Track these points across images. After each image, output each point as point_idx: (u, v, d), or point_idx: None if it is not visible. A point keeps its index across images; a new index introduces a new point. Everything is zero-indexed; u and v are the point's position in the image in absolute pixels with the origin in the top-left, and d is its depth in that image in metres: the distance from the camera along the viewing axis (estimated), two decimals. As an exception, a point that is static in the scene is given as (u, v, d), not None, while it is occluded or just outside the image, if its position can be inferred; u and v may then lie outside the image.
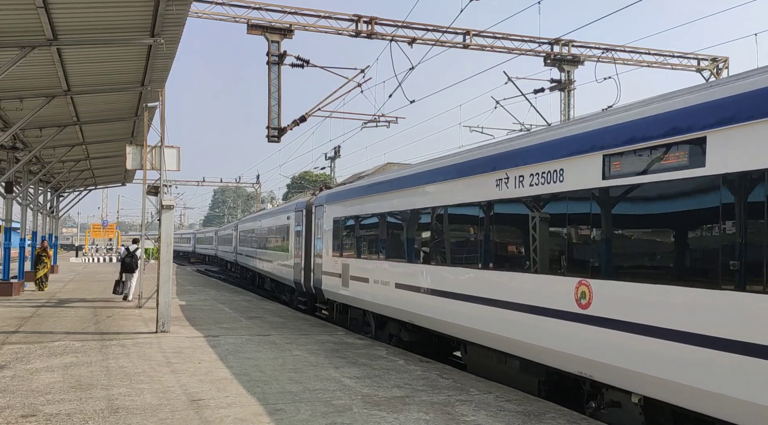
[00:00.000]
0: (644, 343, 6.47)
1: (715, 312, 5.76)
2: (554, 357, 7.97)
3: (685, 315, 6.05)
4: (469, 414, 7.41)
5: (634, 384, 6.81)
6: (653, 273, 6.54)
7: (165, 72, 14.30)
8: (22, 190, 22.53)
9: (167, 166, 15.37)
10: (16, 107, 15.48)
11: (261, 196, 72.75)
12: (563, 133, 8.16)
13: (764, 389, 5.27)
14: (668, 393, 6.31)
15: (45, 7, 9.94)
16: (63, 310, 17.22)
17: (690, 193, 6.15)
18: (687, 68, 26.41)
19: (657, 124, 6.58)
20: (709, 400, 5.83)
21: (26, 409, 7.26)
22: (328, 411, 7.36)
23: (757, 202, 5.47)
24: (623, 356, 6.77)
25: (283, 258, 23.76)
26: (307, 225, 20.20)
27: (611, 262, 7.04)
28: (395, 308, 12.82)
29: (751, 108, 5.63)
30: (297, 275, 20.96)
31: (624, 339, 6.76)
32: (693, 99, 6.33)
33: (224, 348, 11.71)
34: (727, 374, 5.61)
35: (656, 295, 6.41)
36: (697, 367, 5.90)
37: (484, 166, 9.80)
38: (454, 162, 10.91)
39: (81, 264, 50.04)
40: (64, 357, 10.55)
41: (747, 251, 5.54)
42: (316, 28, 21.47)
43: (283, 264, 23.54)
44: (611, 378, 7.10)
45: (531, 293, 8.39)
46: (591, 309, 7.25)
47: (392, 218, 13.19)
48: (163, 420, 6.91)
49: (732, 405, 5.60)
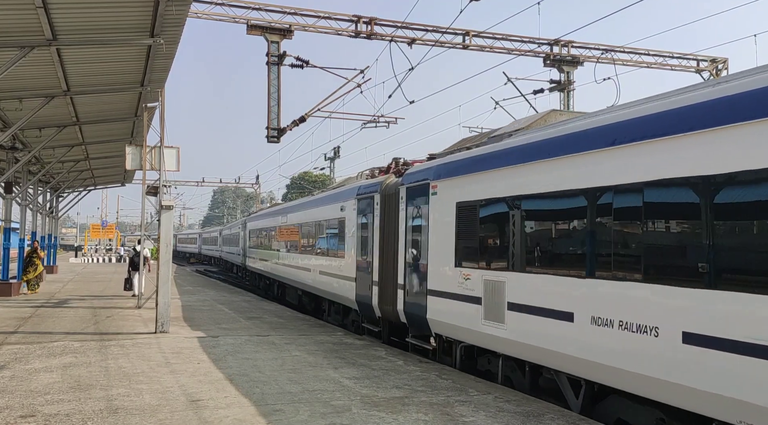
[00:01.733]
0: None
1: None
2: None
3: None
4: (468, 414, 7.41)
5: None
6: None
7: (164, 72, 14.30)
8: (22, 190, 22.53)
9: (167, 167, 15.36)
10: (16, 107, 15.48)
11: (260, 197, 72.72)
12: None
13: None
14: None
15: (44, 7, 9.94)
16: (62, 310, 17.22)
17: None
18: (686, 69, 26.43)
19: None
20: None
21: (25, 409, 7.26)
22: (327, 411, 7.36)
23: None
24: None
25: (332, 265, 17.74)
26: (383, 217, 14.00)
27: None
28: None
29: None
30: (363, 291, 14.85)
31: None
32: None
33: (223, 348, 11.70)
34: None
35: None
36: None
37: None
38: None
39: (80, 264, 50.02)
40: (63, 357, 10.54)
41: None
42: (315, 28, 21.48)
43: (335, 273, 17.41)
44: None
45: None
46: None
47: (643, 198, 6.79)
48: (162, 420, 6.90)
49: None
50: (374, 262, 14.19)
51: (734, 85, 6.06)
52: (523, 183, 8.82)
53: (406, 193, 12.56)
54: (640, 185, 6.76)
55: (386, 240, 13.64)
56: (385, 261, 13.61)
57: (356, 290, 15.30)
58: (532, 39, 24.16)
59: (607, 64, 25.05)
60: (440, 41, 22.25)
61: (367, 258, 14.69)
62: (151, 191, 16.83)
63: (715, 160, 5.98)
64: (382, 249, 13.79)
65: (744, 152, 5.71)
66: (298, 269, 21.88)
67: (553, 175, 8.19)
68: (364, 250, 15.02)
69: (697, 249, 6.10)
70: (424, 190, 11.77)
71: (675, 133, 6.46)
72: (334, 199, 18.13)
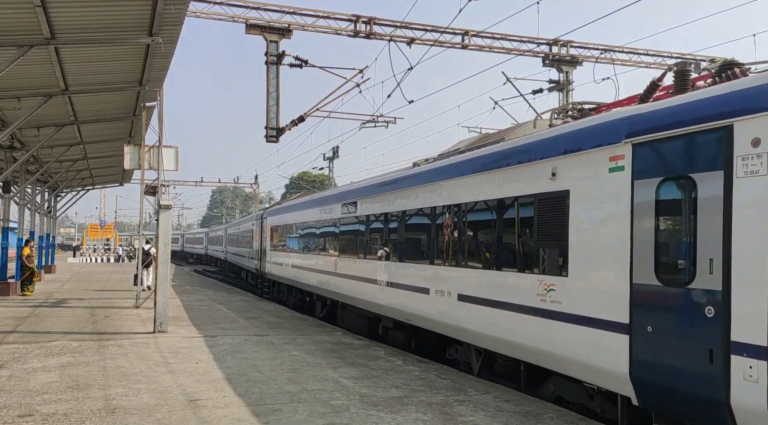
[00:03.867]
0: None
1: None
2: None
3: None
4: (467, 414, 7.40)
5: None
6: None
7: (163, 71, 14.27)
8: (20, 189, 22.49)
9: (165, 166, 15.34)
10: (14, 106, 15.44)
11: (259, 197, 72.69)
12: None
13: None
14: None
15: (43, 6, 9.91)
16: (60, 310, 17.19)
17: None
18: (685, 69, 26.39)
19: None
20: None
21: (23, 409, 7.23)
22: (325, 411, 7.34)
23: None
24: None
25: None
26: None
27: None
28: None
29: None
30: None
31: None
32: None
33: (222, 348, 11.68)
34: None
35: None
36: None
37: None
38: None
39: (79, 264, 49.97)
40: (62, 357, 10.52)
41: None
42: (314, 28, 21.44)
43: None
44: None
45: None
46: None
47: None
48: (160, 420, 6.88)
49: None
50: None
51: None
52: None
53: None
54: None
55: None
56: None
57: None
58: (531, 39, 24.13)
59: (606, 63, 25.03)
60: (439, 41, 22.24)
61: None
62: (150, 191, 16.79)
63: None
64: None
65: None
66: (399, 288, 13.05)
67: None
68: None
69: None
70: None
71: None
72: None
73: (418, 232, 12.17)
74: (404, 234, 12.73)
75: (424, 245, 11.86)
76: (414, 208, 12.30)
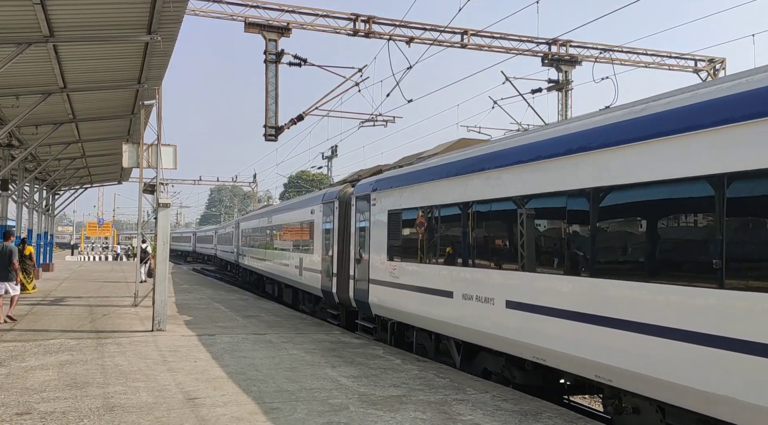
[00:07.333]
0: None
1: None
2: None
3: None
4: (466, 413, 7.39)
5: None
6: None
7: (162, 69, 14.25)
8: (18, 187, 22.47)
9: (164, 165, 15.32)
10: (12, 104, 15.41)
11: (258, 195, 72.64)
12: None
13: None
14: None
15: (41, 4, 9.90)
16: (58, 308, 17.16)
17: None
18: (684, 69, 26.44)
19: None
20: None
21: (21, 407, 7.21)
22: (324, 410, 7.34)
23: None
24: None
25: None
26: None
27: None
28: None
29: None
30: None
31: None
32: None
33: (220, 346, 11.67)
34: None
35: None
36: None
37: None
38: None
39: (77, 262, 49.90)
40: (60, 355, 10.50)
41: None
42: (313, 26, 21.42)
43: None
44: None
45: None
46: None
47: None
48: (159, 418, 6.87)
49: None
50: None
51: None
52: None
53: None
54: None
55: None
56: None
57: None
58: (530, 38, 24.14)
59: (606, 63, 25.04)
60: (438, 40, 22.23)
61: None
62: (148, 189, 16.78)
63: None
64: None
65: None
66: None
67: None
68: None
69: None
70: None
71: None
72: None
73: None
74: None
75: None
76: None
